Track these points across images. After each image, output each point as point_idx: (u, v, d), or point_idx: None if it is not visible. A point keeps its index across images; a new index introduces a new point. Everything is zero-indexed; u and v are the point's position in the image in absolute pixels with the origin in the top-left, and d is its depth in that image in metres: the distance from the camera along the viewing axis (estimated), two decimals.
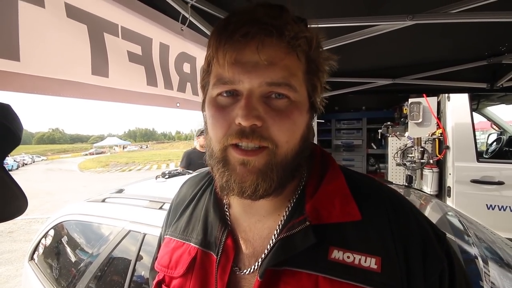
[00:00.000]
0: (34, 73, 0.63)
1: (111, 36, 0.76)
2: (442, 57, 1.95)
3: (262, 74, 0.38)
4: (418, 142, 3.22)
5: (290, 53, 0.39)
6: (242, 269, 0.46)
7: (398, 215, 0.42)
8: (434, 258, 0.40)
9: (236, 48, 0.38)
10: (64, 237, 1.74)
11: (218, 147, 0.41)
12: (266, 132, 0.39)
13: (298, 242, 0.41)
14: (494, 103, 3.93)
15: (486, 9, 1.05)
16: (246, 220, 0.49)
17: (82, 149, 70.70)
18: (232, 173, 0.40)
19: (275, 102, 0.40)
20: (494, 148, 3.75)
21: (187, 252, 0.50)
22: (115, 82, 0.80)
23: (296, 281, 0.40)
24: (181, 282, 0.49)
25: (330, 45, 1.52)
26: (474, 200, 2.80)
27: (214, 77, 0.42)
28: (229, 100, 0.41)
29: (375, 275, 0.38)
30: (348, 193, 0.44)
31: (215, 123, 0.41)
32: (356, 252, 0.40)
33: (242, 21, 0.38)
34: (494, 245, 1.15)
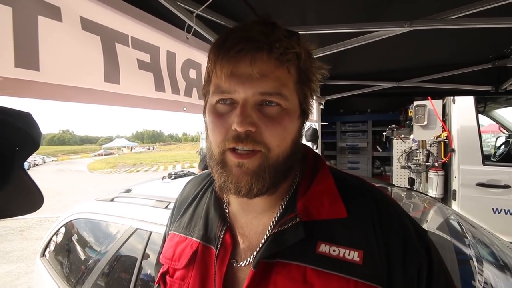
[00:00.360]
0: (52, 81, 0.69)
1: (122, 45, 0.81)
2: (446, 60, 1.96)
3: (255, 85, 0.43)
4: (423, 145, 3.20)
5: (281, 66, 0.44)
6: (238, 262, 0.50)
7: (381, 213, 0.46)
8: (413, 253, 0.43)
9: (232, 62, 0.43)
10: (75, 235, 1.81)
11: (217, 151, 0.46)
12: (259, 137, 0.43)
13: (289, 236, 0.45)
14: (501, 106, 3.88)
15: (484, 15, 1.08)
16: (243, 217, 0.53)
17: (91, 150, 71.92)
18: (229, 174, 0.45)
19: (268, 109, 0.44)
20: (502, 151, 3.70)
21: (189, 246, 0.55)
22: (126, 89, 0.85)
23: (286, 272, 0.44)
24: (184, 273, 0.54)
25: (334, 50, 1.55)
26: (479, 204, 2.77)
27: (213, 86, 0.47)
28: (226, 108, 0.45)
29: (357, 267, 0.42)
30: (336, 192, 0.48)
31: (214, 128, 0.46)
32: (341, 246, 0.43)
33: (238, 38, 0.43)
34: (493, 248, 1.16)
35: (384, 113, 4.38)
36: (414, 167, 3.24)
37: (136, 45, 0.86)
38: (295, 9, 1.28)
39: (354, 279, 0.41)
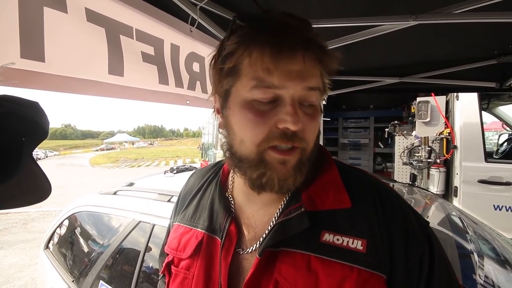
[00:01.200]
0: (57, 72, 0.69)
1: (126, 38, 0.81)
2: (450, 56, 1.94)
3: (304, 80, 0.42)
4: (425, 141, 3.19)
5: (318, 64, 0.44)
6: (246, 257, 0.51)
7: (384, 203, 0.47)
8: (415, 242, 0.44)
9: (284, 58, 0.41)
10: (78, 228, 1.83)
11: (254, 150, 0.44)
12: (301, 134, 0.43)
13: (294, 225, 0.46)
14: (505, 103, 3.85)
15: (491, 9, 1.06)
16: (249, 208, 0.54)
17: (93, 145, 72.17)
18: (273, 172, 0.44)
19: (306, 108, 0.45)
20: (504, 149, 3.69)
21: (195, 237, 0.56)
22: (130, 81, 0.85)
23: (291, 260, 0.45)
24: (189, 262, 0.55)
25: (337, 44, 1.54)
26: (481, 201, 2.77)
27: (251, 80, 0.43)
28: (267, 107, 0.43)
29: (360, 255, 0.43)
30: (341, 183, 0.49)
31: (254, 127, 0.43)
32: (345, 235, 0.44)
33: (287, 34, 0.42)
34: (494, 243, 1.17)
35: (386, 109, 4.36)
36: (416, 163, 3.24)
37: (141, 38, 0.86)
38: (299, 2, 1.27)
39: (358, 267, 0.42)
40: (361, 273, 0.42)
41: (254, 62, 0.42)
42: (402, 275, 0.43)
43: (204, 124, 6.49)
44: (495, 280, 0.86)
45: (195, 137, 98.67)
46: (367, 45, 1.60)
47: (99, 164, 25.50)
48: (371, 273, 0.42)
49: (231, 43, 0.45)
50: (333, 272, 0.43)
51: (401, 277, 0.43)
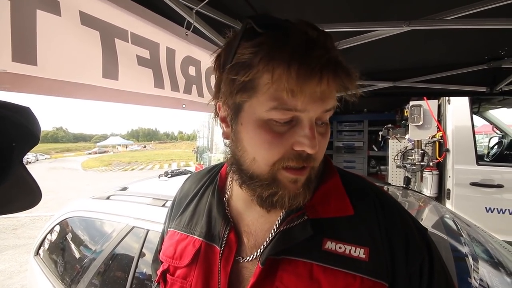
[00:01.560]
0: (49, 76, 0.68)
1: (121, 41, 0.81)
2: (442, 61, 1.98)
3: (325, 104, 0.40)
4: (418, 144, 3.24)
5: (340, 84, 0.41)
6: (246, 266, 0.50)
7: (385, 211, 0.47)
8: (415, 249, 0.44)
9: (310, 80, 0.37)
10: (69, 233, 1.79)
11: (267, 169, 0.43)
12: (315, 155, 0.43)
13: (296, 233, 0.45)
14: (495, 107, 3.93)
15: (482, 15, 1.09)
16: (249, 215, 0.53)
17: (85, 148, 71.10)
18: (284, 191, 0.44)
19: (320, 127, 0.44)
20: (495, 152, 3.76)
21: (192, 244, 0.54)
22: (124, 85, 0.84)
23: (292, 268, 0.45)
24: (186, 271, 0.53)
25: None
26: (473, 203, 2.81)
27: (271, 100, 0.39)
28: (283, 127, 0.41)
29: (363, 264, 0.42)
30: (343, 191, 0.49)
31: (270, 148, 0.42)
32: (347, 243, 0.44)
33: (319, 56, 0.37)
34: (487, 245, 1.19)
35: (380, 113, 4.41)
36: (409, 166, 3.27)
37: (136, 41, 0.85)
38: (294, 7, 1.27)
39: (361, 275, 0.42)
40: (364, 282, 0.42)
41: (277, 80, 0.38)
42: (403, 282, 0.43)
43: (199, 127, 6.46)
44: (489, 283, 0.86)
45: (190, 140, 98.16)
46: (361, 50, 1.62)
47: (92, 168, 25.11)
48: (373, 281, 0.42)
49: (246, 52, 0.40)
50: (336, 281, 0.42)
51: (402, 283, 0.43)
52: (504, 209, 2.68)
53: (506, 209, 2.68)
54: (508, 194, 2.69)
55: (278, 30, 0.40)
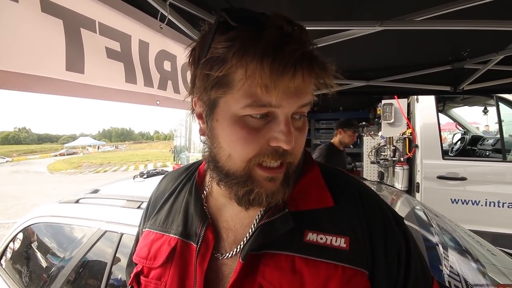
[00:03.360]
0: (6, 68, 0.61)
1: (88, 31, 0.74)
2: (411, 61, 2.09)
3: (300, 99, 0.40)
4: (390, 141, 3.40)
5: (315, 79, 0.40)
6: (225, 263, 0.48)
7: (364, 202, 0.48)
8: (393, 238, 0.46)
9: (284, 75, 0.36)
10: (35, 241, 1.66)
11: (242, 166, 0.42)
12: (292, 150, 0.41)
13: (278, 226, 0.45)
14: (458, 105, 4.24)
15: (447, 17, 1.15)
16: (228, 211, 0.52)
17: (52, 149, 66.44)
18: (260, 189, 0.42)
19: (297, 122, 0.43)
20: (458, 147, 4.05)
21: (167, 243, 0.52)
22: (91, 79, 0.78)
23: (274, 262, 0.44)
24: (160, 271, 0.51)
25: None
26: (440, 195, 3.00)
27: (246, 97, 0.39)
28: (259, 122, 0.40)
29: (344, 253, 0.43)
30: (323, 183, 0.49)
31: (246, 145, 0.41)
32: (328, 233, 0.44)
33: (292, 51, 0.36)
34: (455, 234, 1.27)
35: (354, 111, 4.57)
36: (382, 162, 3.43)
37: (105, 32, 0.79)
38: (270, 2, 1.27)
39: (342, 264, 0.42)
40: (345, 271, 0.42)
41: (251, 76, 0.37)
42: (382, 270, 0.44)
43: (176, 126, 6.29)
44: (459, 269, 0.92)
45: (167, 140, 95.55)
46: (336, 50, 1.66)
47: (59, 171, 23.56)
48: (355, 270, 0.42)
49: (220, 47, 0.39)
50: (318, 272, 0.42)
51: (381, 271, 0.44)
52: (468, 200, 2.90)
53: (469, 200, 2.90)
54: (471, 186, 2.91)
55: (252, 24, 0.39)
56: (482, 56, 1.76)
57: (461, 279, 0.87)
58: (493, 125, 6.44)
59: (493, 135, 4.33)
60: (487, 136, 4.04)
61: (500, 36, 1.46)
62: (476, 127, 5.25)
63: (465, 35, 1.53)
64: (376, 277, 0.43)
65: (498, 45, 1.58)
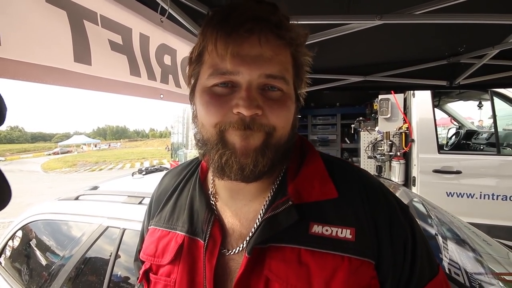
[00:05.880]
0: (16, 58, 0.60)
1: (90, 23, 0.74)
2: (408, 56, 2.10)
3: (261, 67, 0.41)
4: (387, 136, 3.43)
5: (285, 49, 0.43)
6: (229, 250, 0.49)
7: (369, 191, 0.47)
8: (399, 227, 0.46)
9: (237, 41, 0.40)
10: (33, 239, 1.65)
11: (213, 131, 0.43)
12: (265, 119, 0.42)
13: (282, 220, 0.45)
14: (453, 100, 4.29)
15: (445, 11, 1.16)
16: (232, 205, 0.52)
17: (45, 148, 65.54)
18: (233, 151, 0.42)
19: (271, 93, 0.43)
20: (453, 141, 4.10)
21: (174, 240, 0.52)
22: (99, 71, 0.78)
23: (281, 255, 0.44)
24: (169, 269, 0.51)
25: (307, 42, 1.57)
26: (435, 188, 3.05)
27: (209, 68, 0.43)
28: (225, 90, 0.43)
29: (350, 244, 0.43)
30: (326, 174, 0.49)
31: (210, 109, 0.43)
32: (333, 225, 0.44)
33: (245, 16, 0.40)
34: (453, 226, 1.30)
35: (351, 107, 4.59)
36: (379, 157, 3.46)
37: (106, 25, 0.79)
38: None
39: (348, 255, 0.42)
40: (352, 262, 0.42)
41: (211, 49, 0.42)
42: (388, 259, 0.44)
43: (173, 123, 6.25)
44: (458, 259, 0.94)
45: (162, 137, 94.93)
46: (334, 45, 1.66)
47: (54, 169, 23.27)
48: (361, 260, 0.42)
49: (199, 33, 0.46)
50: (324, 263, 0.42)
51: (387, 260, 0.44)
52: (463, 193, 2.95)
53: (464, 193, 2.95)
54: (465, 179, 2.96)
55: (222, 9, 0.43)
56: (478, 50, 1.78)
57: (461, 267, 0.89)
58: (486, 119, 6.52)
59: (487, 130, 4.39)
60: (481, 131, 4.10)
61: (496, 29, 1.48)
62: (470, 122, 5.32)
63: (462, 29, 1.55)
64: (382, 266, 0.43)
65: (494, 39, 1.60)
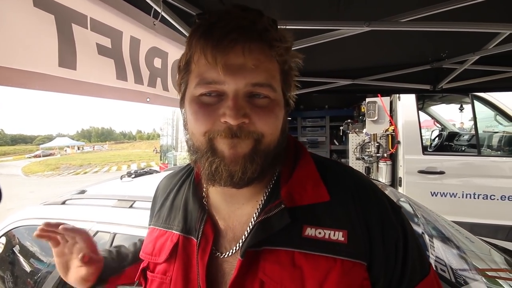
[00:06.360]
0: (1, 64, 0.59)
1: (79, 27, 0.73)
2: (394, 61, 2.17)
3: (247, 76, 0.42)
4: (374, 138, 3.51)
5: (270, 56, 0.44)
6: (223, 253, 0.49)
7: (360, 192, 0.48)
8: (390, 227, 0.46)
9: (223, 51, 0.40)
10: (18, 245, 1.59)
11: (203, 140, 0.44)
12: (253, 127, 0.43)
13: (275, 222, 0.45)
14: (436, 103, 4.45)
15: (429, 19, 1.22)
16: (225, 208, 0.53)
17: (26, 151, 62.97)
18: (222, 159, 0.43)
19: (258, 101, 0.44)
20: (436, 143, 4.25)
21: (170, 239, 0.53)
22: (83, 75, 0.77)
23: (274, 258, 0.45)
24: (165, 267, 0.52)
25: (296, 47, 1.60)
26: (420, 189, 3.14)
27: (196, 77, 0.44)
28: (212, 99, 0.44)
29: (342, 246, 0.44)
30: (318, 177, 0.49)
31: (198, 118, 0.44)
32: (326, 228, 0.45)
33: (229, 26, 0.41)
34: (438, 224, 1.35)
35: (340, 109, 4.67)
36: (367, 158, 3.54)
37: (96, 28, 0.78)
38: (261, 3, 1.29)
39: (341, 258, 0.43)
40: (344, 264, 0.43)
41: (198, 58, 0.43)
42: (380, 259, 0.45)
43: (162, 125, 6.17)
44: (443, 256, 0.98)
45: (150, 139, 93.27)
46: (324, 49, 1.70)
47: (35, 173, 22.41)
48: (353, 262, 0.43)
49: (186, 42, 0.46)
50: (317, 266, 0.43)
51: (379, 260, 0.45)
52: (446, 192, 3.06)
53: (447, 193, 3.06)
54: (448, 179, 3.07)
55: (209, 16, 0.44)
56: (460, 56, 1.86)
57: (446, 264, 0.93)
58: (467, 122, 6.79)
59: (468, 131, 4.58)
60: (463, 132, 4.27)
61: (477, 37, 1.56)
62: (452, 124, 5.53)
63: (444, 36, 1.62)
64: (374, 267, 0.44)
65: (475, 46, 1.68)
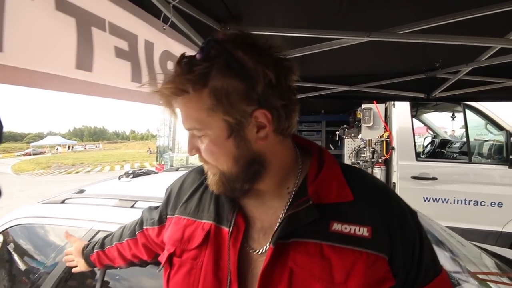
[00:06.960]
0: (18, 64, 0.61)
1: (98, 30, 0.75)
2: (390, 70, 2.25)
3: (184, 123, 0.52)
4: (369, 143, 3.59)
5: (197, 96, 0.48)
6: (254, 248, 0.54)
7: (382, 195, 0.54)
8: (409, 229, 0.52)
9: None
10: (15, 244, 1.58)
11: None
12: (203, 159, 0.54)
13: (303, 216, 0.50)
14: (429, 111, 4.56)
15: (426, 32, 1.28)
16: (250, 202, 0.59)
17: (16, 149, 61.56)
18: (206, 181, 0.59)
19: (199, 139, 0.52)
20: (429, 149, 4.36)
21: (201, 228, 0.58)
22: (99, 77, 0.79)
23: (304, 249, 0.50)
24: (196, 253, 0.57)
25: (297, 54, 1.65)
26: (414, 194, 3.22)
27: None
28: None
29: (367, 241, 0.49)
30: (343, 179, 0.55)
31: None
32: (352, 224, 0.50)
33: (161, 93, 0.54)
34: (431, 228, 1.40)
35: (335, 114, 4.74)
36: (362, 163, 3.61)
37: (114, 31, 0.80)
38: (266, 11, 1.33)
39: (366, 251, 0.48)
40: (369, 256, 0.48)
41: None
42: (400, 256, 0.50)
43: (159, 126, 6.15)
44: None
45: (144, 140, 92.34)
46: (322, 56, 1.76)
47: (25, 172, 21.93)
48: (377, 255, 0.48)
49: None
50: (345, 257, 0.48)
51: (399, 257, 0.50)
52: (438, 198, 3.14)
53: (439, 198, 3.14)
54: (440, 185, 3.15)
55: None
56: (453, 66, 1.94)
57: None
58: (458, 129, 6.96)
59: (459, 139, 4.70)
60: (454, 140, 4.38)
61: (470, 49, 1.63)
62: (444, 131, 5.66)
63: (438, 48, 1.70)
64: (394, 262, 0.49)
65: (468, 58, 1.76)
